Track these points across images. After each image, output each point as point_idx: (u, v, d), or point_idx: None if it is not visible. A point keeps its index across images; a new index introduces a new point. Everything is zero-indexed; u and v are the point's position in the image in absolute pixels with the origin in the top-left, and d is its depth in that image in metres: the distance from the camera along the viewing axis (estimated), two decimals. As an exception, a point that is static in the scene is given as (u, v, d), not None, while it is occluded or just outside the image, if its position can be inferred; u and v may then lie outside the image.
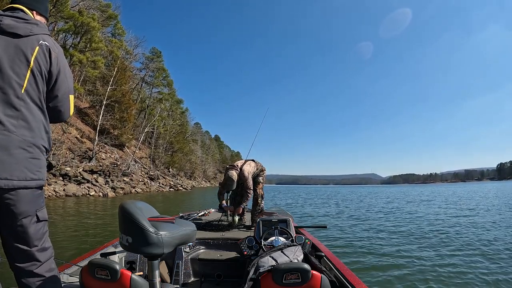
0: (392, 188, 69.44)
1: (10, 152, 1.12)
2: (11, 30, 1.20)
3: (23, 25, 1.23)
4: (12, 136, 1.13)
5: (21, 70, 1.19)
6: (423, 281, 3.78)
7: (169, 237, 1.22)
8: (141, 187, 25.51)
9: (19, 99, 1.17)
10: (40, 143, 1.24)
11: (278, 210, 4.30)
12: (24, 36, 1.22)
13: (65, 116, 1.39)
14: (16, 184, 1.13)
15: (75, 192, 16.89)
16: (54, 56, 1.28)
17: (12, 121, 1.15)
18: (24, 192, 1.17)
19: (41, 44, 1.25)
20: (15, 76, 1.17)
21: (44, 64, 1.25)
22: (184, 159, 46.13)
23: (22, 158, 1.15)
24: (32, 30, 1.25)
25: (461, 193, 29.51)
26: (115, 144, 29.05)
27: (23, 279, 1.20)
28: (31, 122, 1.20)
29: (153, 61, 40.91)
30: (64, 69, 1.33)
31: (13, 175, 1.12)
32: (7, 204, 1.14)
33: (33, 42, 1.23)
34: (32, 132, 1.20)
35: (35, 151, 1.21)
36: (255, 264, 1.65)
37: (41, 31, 1.28)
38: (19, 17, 1.25)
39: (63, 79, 1.33)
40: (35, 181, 1.20)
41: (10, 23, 1.21)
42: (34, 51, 1.22)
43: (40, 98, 1.26)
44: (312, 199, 22.66)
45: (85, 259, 2.02)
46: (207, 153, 70.89)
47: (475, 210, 12.46)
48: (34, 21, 1.28)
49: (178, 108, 47.77)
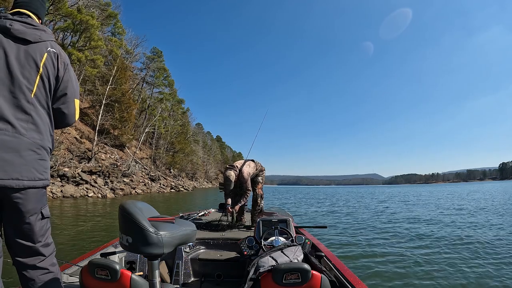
0: (393, 189, 69.46)
1: (21, 154, 1.18)
2: (21, 36, 1.24)
3: (32, 31, 1.28)
4: (22, 139, 1.19)
5: (31, 75, 1.24)
6: (423, 281, 3.77)
7: (169, 237, 1.22)
8: (141, 188, 25.27)
9: (29, 103, 1.23)
10: (47, 145, 1.30)
11: (278, 210, 4.30)
12: (33, 42, 1.27)
13: (71, 120, 1.44)
14: (26, 184, 1.19)
15: (73, 193, 16.53)
16: (61, 62, 1.34)
17: (22, 124, 1.20)
18: (32, 191, 1.22)
19: (49, 51, 1.30)
20: (25, 81, 1.22)
21: (52, 70, 1.30)
22: (186, 160, 45.93)
23: (31, 160, 1.21)
24: (41, 36, 1.30)
25: (463, 192, 29.48)
26: (115, 144, 28.88)
27: (26, 273, 1.24)
28: (40, 125, 1.26)
29: (154, 61, 40.81)
30: (71, 74, 1.40)
31: (23, 176, 1.18)
32: (16, 203, 1.19)
33: (42, 48, 1.28)
34: (41, 134, 1.26)
35: (42, 152, 1.27)
36: (255, 264, 1.65)
37: (49, 38, 1.34)
38: (28, 23, 1.28)
39: (69, 84, 1.38)
40: (42, 181, 1.26)
41: (20, 29, 1.25)
42: (43, 57, 1.27)
43: (48, 102, 1.32)
44: (312, 199, 22.65)
45: (85, 259, 2.02)
46: (208, 153, 70.85)
47: (478, 210, 12.45)
48: (42, 28, 1.33)
49: (179, 108, 47.62)
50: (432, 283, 3.71)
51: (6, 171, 1.13)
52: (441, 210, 12.90)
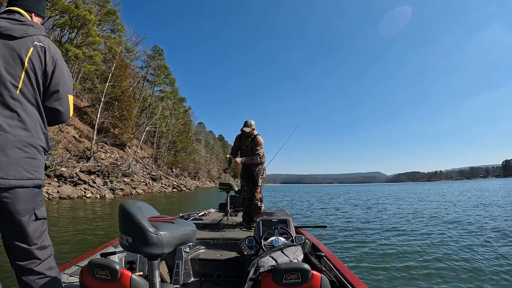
0: (395, 187, 69.30)
1: (6, 152, 1.14)
2: (6, 32, 1.21)
3: (18, 27, 1.24)
4: (8, 136, 1.15)
5: (16, 71, 1.20)
6: (424, 281, 3.77)
7: (169, 237, 1.22)
8: (142, 188, 24.81)
9: (14, 100, 1.19)
10: (37, 143, 1.25)
11: (278, 210, 4.30)
12: (18, 38, 1.23)
13: (65, 117, 1.39)
14: (13, 183, 1.15)
15: (69, 194, 15.85)
16: (49, 56, 1.28)
17: (8, 121, 1.16)
18: (21, 191, 1.18)
19: (35, 45, 1.25)
20: (9, 77, 1.18)
21: (38, 64, 1.25)
22: (188, 159, 45.67)
23: (18, 158, 1.17)
24: (27, 31, 1.26)
25: (465, 190, 29.40)
26: (115, 143, 28.62)
27: (23, 277, 1.22)
28: (27, 122, 1.22)
29: (154, 59, 40.62)
30: (62, 69, 1.34)
31: (9, 175, 1.14)
32: (5, 203, 1.16)
33: (28, 43, 1.24)
34: (28, 132, 1.22)
35: (31, 151, 1.22)
36: (255, 264, 1.65)
37: (36, 32, 1.29)
38: (15, 19, 1.26)
39: (60, 79, 1.33)
40: (32, 180, 1.21)
41: (5, 25, 1.22)
42: (28, 52, 1.23)
43: (37, 99, 1.26)
44: (312, 199, 22.62)
45: (85, 259, 2.03)
46: (211, 153, 70.69)
47: (480, 207, 12.41)
48: (30, 23, 1.29)
49: (181, 107, 47.30)
50: (432, 283, 3.71)
51: None
52: (443, 209, 12.87)
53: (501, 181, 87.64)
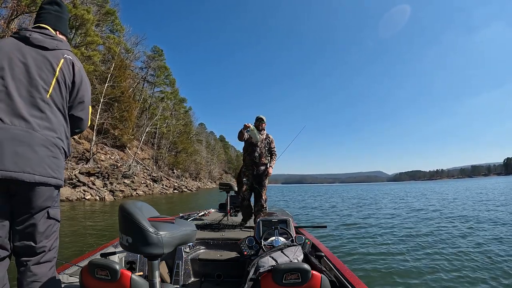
0: (397, 186, 69.10)
1: (33, 149, 1.21)
2: (39, 43, 1.34)
3: (50, 40, 1.38)
4: (36, 135, 1.23)
5: (48, 77, 1.32)
6: (424, 280, 3.76)
7: (169, 237, 1.22)
8: (143, 189, 24.64)
9: (44, 102, 1.29)
10: (61, 144, 1.34)
11: (278, 210, 4.30)
12: (50, 49, 1.36)
13: (86, 125, 1.51)
14: (38, 179, 1.20)
15: (68, 196, 15.57)
16: (77, 69, 1.42)
17: (37, 121, 1.25)
18: (43, 188, 1.24)
19: (66, 58, 1.39)
20: (42, 82, 1.30)
21: (68, 74, 1.38)
22: (189, 160, 45.60)
23: (44, 156, 1.24)
24: (58, 45, 1.40)
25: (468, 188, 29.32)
26: (115, 145, 28.54)
27: (24, 274, 1.24)
28: (54, 124, 1.31)
29: (154, 59, 40.58)
30: (86, 82, 1.48)
31: (35, 170, 1.20)
32: (25, 197, 1.20)
33: (59, 55, 1.38)
34: (55, 133, 1.31)
35: (56, 150, 1.30)
36: (255, 264, 1.65)
37: (65, 47, 1.44)
38: (46, 34, 1.40)
39: (85, 91, 1.47)
40: (55, 179, 1.28)
41: (38, 37, 1.35)
42: (60, 62, 1.36)
43: (63, 105, 1.37)
44: (312, 199, 22.62)
45: (85, 259, 2.03)
46: (212, 153, 70.55)
47: (483, 207, 12.39)
48: (59, 38, 1.44)
49: (182, 107, 47.26)
50: (432, 283, 3.70)
51: (17, 164, 1.15)
52: (454, 210, 12.85)
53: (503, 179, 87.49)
